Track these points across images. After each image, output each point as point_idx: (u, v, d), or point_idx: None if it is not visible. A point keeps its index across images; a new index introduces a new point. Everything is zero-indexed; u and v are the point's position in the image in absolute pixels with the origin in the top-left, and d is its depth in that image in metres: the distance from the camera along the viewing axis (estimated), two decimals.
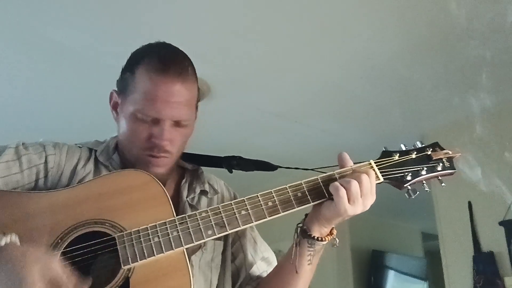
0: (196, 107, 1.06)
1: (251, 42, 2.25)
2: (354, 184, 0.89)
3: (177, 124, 0.98)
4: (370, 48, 2.30)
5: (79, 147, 1.04)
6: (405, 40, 2.23)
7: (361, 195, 0.90)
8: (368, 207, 0.93)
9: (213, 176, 1.16)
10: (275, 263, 1.12)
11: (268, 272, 1.10)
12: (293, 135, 3.28)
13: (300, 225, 0.97)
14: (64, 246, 0.82)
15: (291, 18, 2.07)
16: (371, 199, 0.92)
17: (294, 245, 0.96)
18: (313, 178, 0.95)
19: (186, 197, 1.05)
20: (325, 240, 0.96)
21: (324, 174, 0.96)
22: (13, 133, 3.02)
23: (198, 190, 1.07)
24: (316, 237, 0.95)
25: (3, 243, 0.74)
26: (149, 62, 0.96)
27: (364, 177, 0.90)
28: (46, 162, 0.96)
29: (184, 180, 1.09)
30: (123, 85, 1.00)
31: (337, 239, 0.98)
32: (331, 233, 0.97)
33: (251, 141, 3.26)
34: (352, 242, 4.37)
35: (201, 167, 1.14)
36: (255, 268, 1.09)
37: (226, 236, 1.07)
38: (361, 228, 4.53)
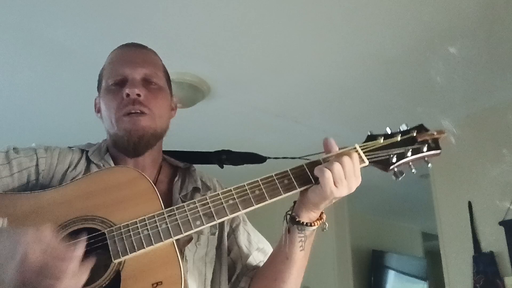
0: (168, 80, 1.13)
1: (252, 42, 2.25)
2: (337, 166, 0.90)
3: (146, 82, 1.04)
4: (370, 49, 2.30)
5: (71, 149, 1.06)
6: (406, 40, 2.23)
7: (345, 177, 0.91)
8: (353, 189, 0.94)
9: (206, 173, 1.17)
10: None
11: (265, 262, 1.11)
12: (293, 135, 3.28)
13: (289, 212, 0.98)
14: None
15: (291, 18, 2.07)
16: (355, 181, 0.93)
17: (284, 233, 0.98)
18: (298, 165, 0.96)
19: (179, 194, 1.06)
20: (314, 225, 0.97)
21: (310, 161, 0.98)
22: (13, 133, 3.03)
23: (190, 188, 1.09)
24: (305, 223, 0.96)
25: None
26: (115, 49, 1.12)
27: (346, 159, 0.92)
28: (37, 164, 0.97)
29: (176, 178, 1.10)
30: (99, 80, 1.11)
31: (326, 223, 0.99)
32: (320, 217, 0.98)
33: (251, 141, 3.27)
34: (352, 242, 4.37)
35: (193, 164, 1.16)
36: (251, 259, 1.11)
37: (221, 231, 1.09)
38: (361, 228, 4.53)
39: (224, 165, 1.17)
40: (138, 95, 1.00)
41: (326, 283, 4.04)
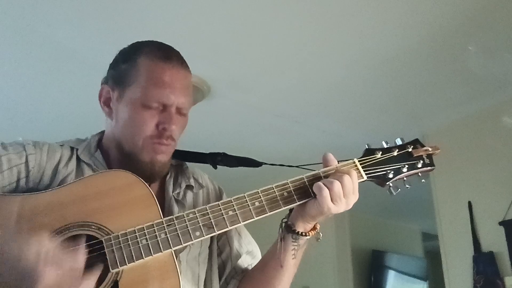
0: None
1: (252, 42, 2.25)
2: (337, 184, 0.91)
3: (179, 111, 1.00)
4: (370, 48, 2.29)
5: (60, 145, 1.01)
6: (405, 40, 2.23)
7: (343, 195, 0.92)
8: (351, 206, 0.95)
9: (197, 170, 1.16)
10: (259, 257, 1.13)
11: (253, 265, 1.11)
12: (293, 135, 3.28)
13: (285, 220, 0.99)
14: None
15: (290, 18, 2.07)
16: (353, 198, 0.95)
17: (279, 240, 0.98)
18: (299, 177, 0.96)
19: (172, 193, 1.05)
20: (309, 235, 0.98)
21: (310, 173, 0.97)
22: (13, 133, 3.02)
23: (183, 185, 1.08)
24: (300, 232, 0.97)
25: None
26: (151, 51, 1.00)
27: (346, 178, 0.92)
28: (27, 161, 0.93)
29: (168, 176, 1.08)
30: (121, 77, 0.99)
31: (320, 233, 1.00)
32: (314, 228, 0.99)
33: (251, 141, 3.26)
34: (352, 242, 4.37)
35: (186, 162, 1.15)
36: (241, 262, 1.10)
37: None
38: (361, 228, 4.53)
39: (217, 166, 1.16)
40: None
41: (326, 283, 4.03)
